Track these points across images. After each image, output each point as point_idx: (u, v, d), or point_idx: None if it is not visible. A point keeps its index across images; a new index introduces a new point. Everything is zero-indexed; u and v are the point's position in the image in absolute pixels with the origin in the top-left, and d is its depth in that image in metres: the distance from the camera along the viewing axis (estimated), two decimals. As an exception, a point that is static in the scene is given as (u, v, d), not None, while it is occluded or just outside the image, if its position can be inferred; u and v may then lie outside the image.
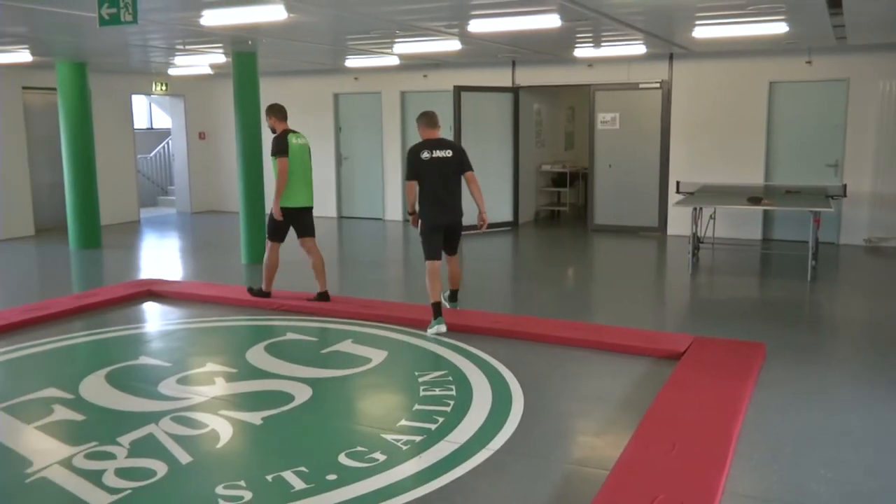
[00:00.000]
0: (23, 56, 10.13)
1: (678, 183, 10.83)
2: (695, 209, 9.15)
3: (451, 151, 6.55)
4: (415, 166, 6.49)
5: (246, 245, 9.90)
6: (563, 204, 14.50)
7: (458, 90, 12.03)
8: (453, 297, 7.13)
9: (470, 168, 6.60)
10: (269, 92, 12.47)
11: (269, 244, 7.44)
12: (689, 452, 3.91)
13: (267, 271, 7.51)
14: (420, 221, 6.62)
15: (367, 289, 8.26)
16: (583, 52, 10.50)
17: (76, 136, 11.00)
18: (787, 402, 4.86)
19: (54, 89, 11.46)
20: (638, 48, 10.20)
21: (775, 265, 9.69)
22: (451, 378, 5.32)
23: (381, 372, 5.60)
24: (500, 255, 10.88)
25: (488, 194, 12.55)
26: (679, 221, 11.47)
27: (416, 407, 4.79)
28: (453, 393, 5.02)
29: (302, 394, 5.03)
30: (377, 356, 5.89)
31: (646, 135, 11.97)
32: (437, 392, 5.04)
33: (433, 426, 4.46)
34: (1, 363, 5.91)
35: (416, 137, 13.45)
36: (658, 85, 11.72)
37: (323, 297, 7.37)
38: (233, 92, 9.85)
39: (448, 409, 4.74)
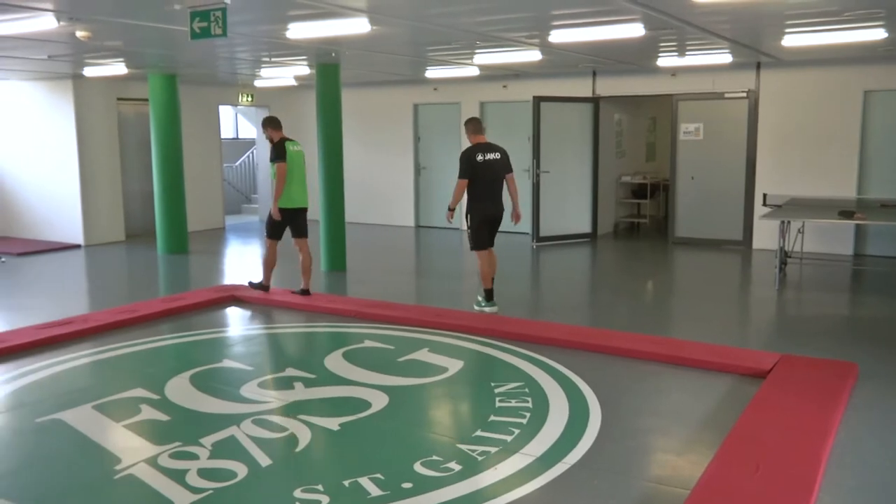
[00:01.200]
0: (118, 69, 10.59)
1: (765, 195, 10.51)
2: (782, 222, 8.86)
3: (499, 154, 7.37)
4: (470, 167, 7.24)
5: (325, 252, 10.08)
6: (644, 216, 14.26)
7: (538, 101, 11.99)
8: (490, 295, 7.48)
9: (511, 170, 7.51)
10: (351, 102, 12.71)
11: (268, 242, 8.11)
12: (774, 475, 3.78)
13: (266, 267, 8.20)
14: (469, 217, 7.37)
15: (442, 298, 8.29)
16: (666, 61, 10.33)
17: (166, 146, 11.41)
18: (881, 426, 4.64)
19: (146, 100, 11.94)
20: (724, 57, 9.98)
21: (868, 282, 9.29)
22: (527, 390, 5.29)
23: (457, 381, 5.61)
24: (577, 266, 10.77)
25: (566, 205, 12.53)
26: (765, 235, 11.13)
27: (492, 418, 4.77)
28: (529, 405, 4.98)
29: (379, 401, 5.07)
30: (453, 366, 5.90)
31: (731, 146, 11.67)
32: (513, 403, 5.01)
33: (509, 438, 4.43)
34: (93, 363, 6.17)
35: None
36: (745, 94, 11.42)
37: (305, 293, 8.09)
38: (315, 103, 10.06)
39: (524, 420, 4.70)
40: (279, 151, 7.79)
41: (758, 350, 6.18)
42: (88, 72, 10.97)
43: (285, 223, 8.01)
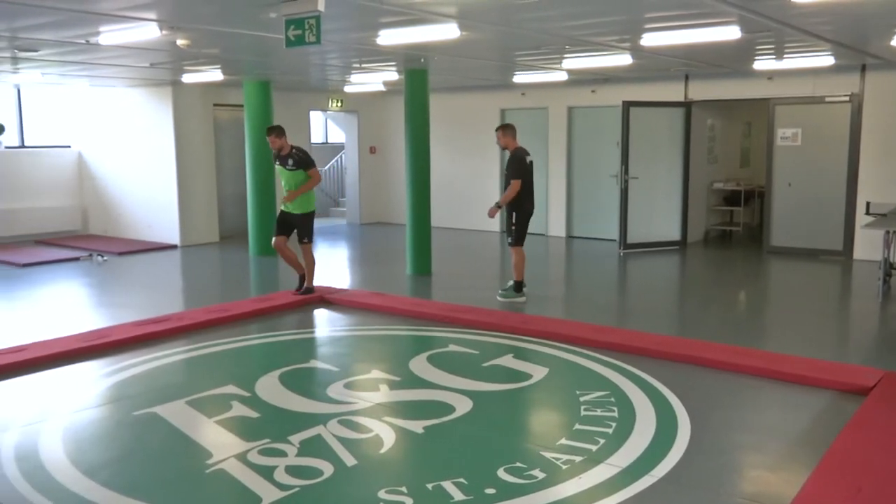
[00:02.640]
0: (215, 75, 10.97)
1: (868, 204, 10.05)
2: (887, 232, 8.46)
3: (531, 157, 8.28)
4: (523, 168, 8.10)
5: (412, 256, 10.17)
6: (737, 223, 13.83)
7: (627, 105, 11.80)
8: (521, 287, 8.28)
9: None
10: (438, 107, 12.80)
11: (307, 246, 8.40)
12: (878, 498, 3.60)
13: (309, 269, 8.45)
14: (515, 214, 8.12)
15: (527, 303, 8.24)
16: (763, 64, 10.00)
17: (259, 150, 11.73)
18: None
19: (241, 106, 12.32)
20: (825, 59, 9.59)
21: (982, 297, 8.76)
22: (613, 399, 5.20)
23: (541, 388, 5.57)
24: (666, 274, 10.54)
25: (655, 212, 12.28)
26: (867, 245, 10.64)
27: (577, 426, 4.71)
28: (615, 414, 4.90)
29: (463, 405, 5.08)
30: (538, 372, 5.86)
31: (831, 152, 11.21)
32: (599, 413, 4.94)
33: (594, 447, 4.37)
34: (187, 360, 6.40)
35: (583, 152, 13.42)
36: (847, 98, 10.95)
37: (308, 291, 8.44)
38: (404, 108, 10.18)
39: (610, 430, 4.63)
40: (309, 159, 8.26)
41: (859, 365, 5.91)
42: (187, 78, 11.41)
43: (293, 225, 8.40)
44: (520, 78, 12.01)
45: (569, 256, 11.97)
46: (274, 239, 8.38)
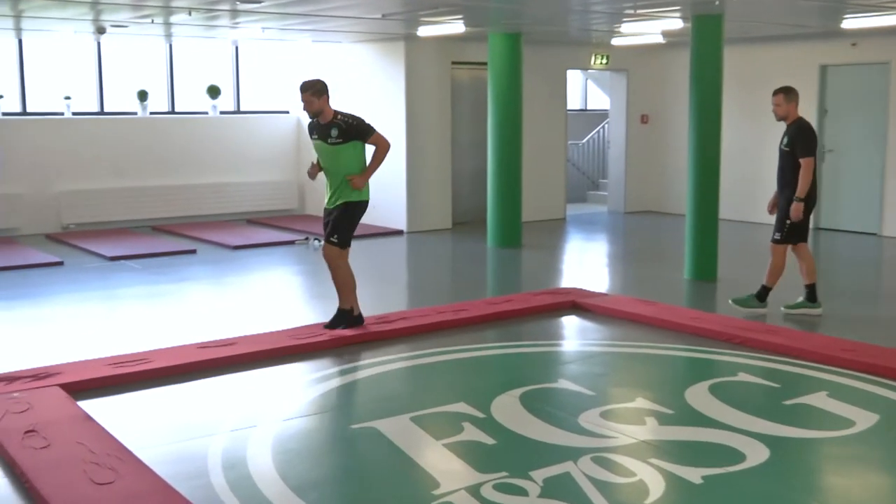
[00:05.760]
0: (455, 27, 11.35)
1: None
2: None
3: None
4: (815, 144, 7.89)
5: (692, 256, 9.91)
6: None
7: None
8: (813, 296, 8.07)
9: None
10: (734, 64, 12.33)
11: (341, 251, 7.29)
12: None
13: (343, 285, 7.34)
14: (801, 206, 7.77)
15: (853, 327, 7.72)
16: None
17: (505, 119, 11.97)
18: None
19: (483, 64, 12.64)
20: None
21: None
22: (973, 464, 4.75)
23: (868, 441, 5.21)
24: None
25: None
26: None
27: (918, 497, 4.36)
28: (976, 486, 4.46)
29: (755, 453, 4.89)
30: (863, 419, 5.48)
31: None
32: (952, 481, 4.52)
33: (943, 527, 4.01)
34: (412, 368, 6.71)
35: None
36: None
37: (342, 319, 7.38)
38: (689, 65, 9.93)
39: (967, 507, 4.23)
40: (364, 125, 7.22)
41: None
42: (423, 31, 11.91)
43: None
44: (851, 23, 11.26)
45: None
46: (323, 245, 7.43)
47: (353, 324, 7.32)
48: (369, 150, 7.33)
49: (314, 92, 7.03)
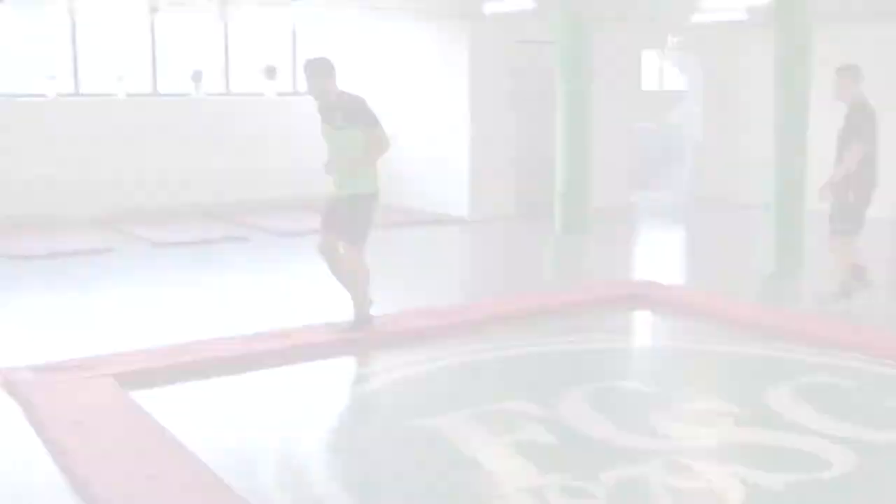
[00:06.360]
0: (523, 3, 11.23)
1: None
2: None
3: None
4: (873, 126, 7.75)
5: (774, 248, 9.70)
6: None
7: None
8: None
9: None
10: (826, 44, 12.00)
11: (354, 249, 7.00)
12: None
13: (355, 286, 7.06)
14: (856, 190, 7.65)
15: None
16: None
17: (573, 100, 11.84)
18: None
19: (549, 42, 12.49)
20: None
21: None
22: None
23: (964, 448, 5.06)
24: None
25: None
26: None
27: None
28: None
29: (842, 460, 4.80)
30: (965, 426, 5.34)
31: None
32: None
33: None
34: (471, 362, 6.65)
35: None
36: None
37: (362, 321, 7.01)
38: (774, 45, 9.72)
39: None
40: (368, 112, 6.89)
41: None
42: (489, 8, 11.81)
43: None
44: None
45: None
46: (320, 239, 6.99)
47: (363, 323, 6.98)
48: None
49: (317, 72, 6.82)
